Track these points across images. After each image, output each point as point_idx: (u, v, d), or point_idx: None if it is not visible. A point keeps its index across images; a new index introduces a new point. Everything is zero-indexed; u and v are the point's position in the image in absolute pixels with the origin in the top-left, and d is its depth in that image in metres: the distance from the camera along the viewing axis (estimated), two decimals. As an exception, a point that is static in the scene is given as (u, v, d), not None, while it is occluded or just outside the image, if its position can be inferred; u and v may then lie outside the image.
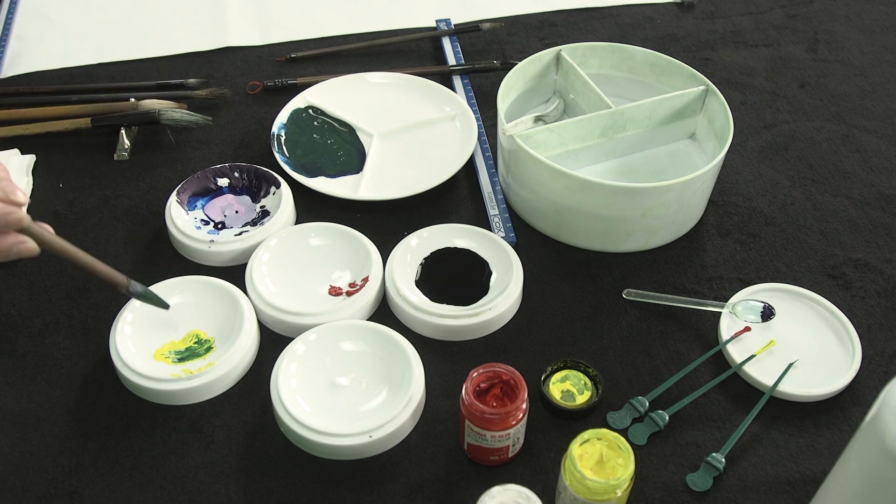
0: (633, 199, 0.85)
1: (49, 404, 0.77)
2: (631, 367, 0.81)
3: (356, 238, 0.88)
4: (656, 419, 0.75)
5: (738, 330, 0.82)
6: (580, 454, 0.66)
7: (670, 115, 0.97)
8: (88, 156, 1.01)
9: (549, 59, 1.01)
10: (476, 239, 0.89)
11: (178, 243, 0.90)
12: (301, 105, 1.05)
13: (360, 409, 0.76)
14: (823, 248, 0.92)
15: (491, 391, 0.72)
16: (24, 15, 1.23)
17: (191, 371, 0.77)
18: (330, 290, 0.85)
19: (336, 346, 0.79)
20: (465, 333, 0.83)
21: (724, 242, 0.92)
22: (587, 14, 1.25)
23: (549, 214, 0.90)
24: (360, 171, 0.98)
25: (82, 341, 0.82)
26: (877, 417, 0.54)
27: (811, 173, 1.01)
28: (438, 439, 0.75)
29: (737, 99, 1.11)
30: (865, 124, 1.08)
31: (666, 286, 0.88)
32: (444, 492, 0.72)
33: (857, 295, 0.88)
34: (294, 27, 1.21)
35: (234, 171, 0.95)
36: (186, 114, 1.01)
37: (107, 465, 0.73)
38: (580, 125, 0.93)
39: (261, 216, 0.92)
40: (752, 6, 1.28)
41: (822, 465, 0.73)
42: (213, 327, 0.81)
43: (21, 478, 0.72)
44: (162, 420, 0.76)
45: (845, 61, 1.18)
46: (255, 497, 0.71)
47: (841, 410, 0.78)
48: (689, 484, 0.72)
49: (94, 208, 0.95)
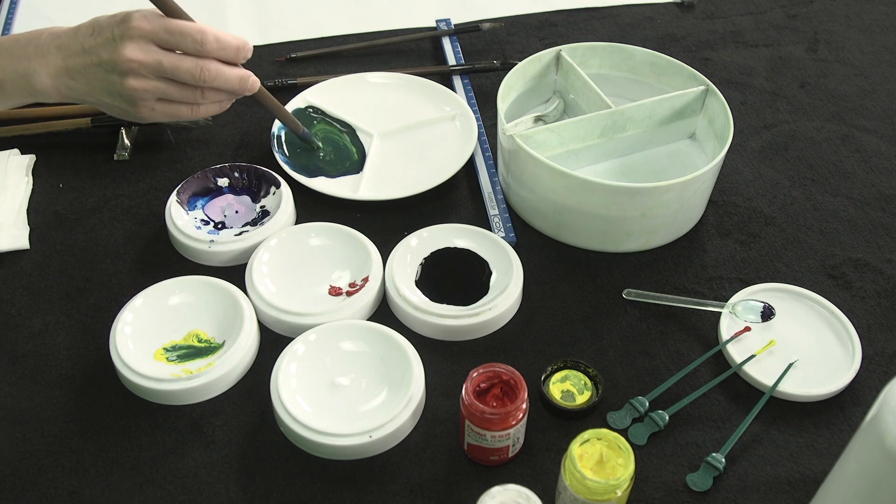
0: (633, 199, 0.85)
1: (49, 404, 0.77)
2: (631, 367, 0.81)
3: (356, 238, 0.88)
4: (656, 419, 0.75)
5: (738, 330, 0.82)
6: (580, 454, 0.66)
7: (670, 115, 0.97)
8: (88, 156, 1.01)
9: (549, 59, 1.01)
10: (476, 239, 0.89)
11: (178, 243, 0.90)
12: (301, 105, 1.05)
13: (360, 409, 0.76)
14: (823, 248, 0.92)
15: (491, 391, 0.72)
16: (24, 15, 1.23)
17: (191, 371, 0.77)
18: (330, 290, 0.85)
19: (336, 346, 0.79)
20: (465, 333, 0.83)
21: (724, 242, 0.92)
22: (587, 14, 1.25)
23: (549, 214, 0.90)
24: (360, 171, 0.98)
25: (82, 341, 0.82)
26: (877, 417, 0.54)
27: (811, 173, 1.01)
28: (438, 439, 0.75)
29: (737, 99, 1.11)
30: (865, 124, 1.08)
31: (666, 286, 0.88)
32: (444, 492, 0.72)
33: (857, 295, 0.88)
34: (294, 27, 1.21)
35: (234, 171, 0.95)
36: (186, 114, 1.01)
37: (107, 465, 0.73)
38: (580, 125, 0.93)
39: (261, 216, 0.92)
40: (752, 6, 1.28)
41: (822, 465, 0.73)
42: (213, 327, 0.81)
43: (21, 478, 0.72)
44: (162, 420, 0.76)
45: (845, 61, 1.18)
46: (255, 497, 0.71)
47: (841, 410, 0.78)
48: (689, 484, 0.72)
49: (94, 208, 0.95)
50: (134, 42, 0.73)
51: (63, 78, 0.75)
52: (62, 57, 0.74)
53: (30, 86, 0.75)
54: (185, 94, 0.77)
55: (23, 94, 0.77)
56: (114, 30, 0.73)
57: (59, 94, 0.76)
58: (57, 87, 0.75)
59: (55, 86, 0.75)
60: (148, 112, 0.77)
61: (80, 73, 0.74)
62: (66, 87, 0.75)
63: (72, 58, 0.74)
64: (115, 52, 0.73)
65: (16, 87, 0.76)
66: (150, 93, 0.75)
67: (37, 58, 0.75)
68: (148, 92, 0.75)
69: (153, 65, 0.73)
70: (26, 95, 0.77)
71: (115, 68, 0.73)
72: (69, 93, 0.76)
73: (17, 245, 0.90)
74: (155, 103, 0.76)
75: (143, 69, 0.73)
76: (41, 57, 0.75)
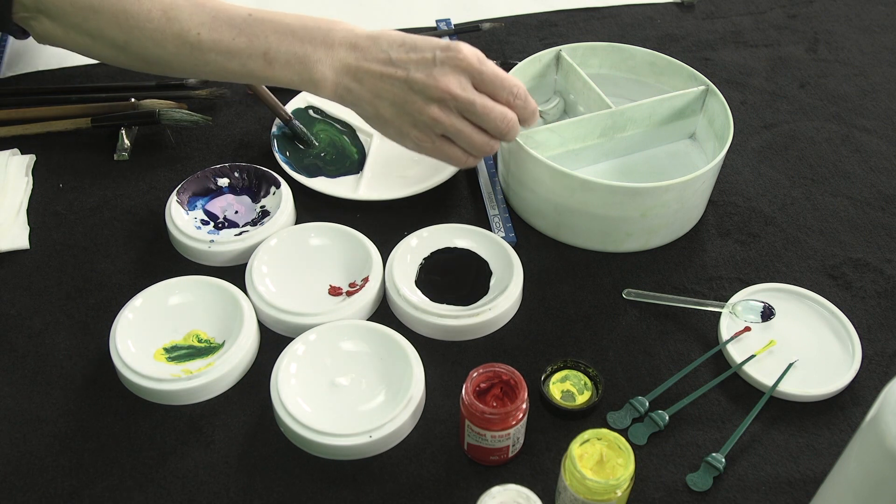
0: (633, 199, 0.85)
1: (49, 404, 0.77)
2: (631, 367, 0.81)
3: (356, 238, 0.88)
4: (656, 419, 0.75)
5: (738, 330, 0.82)
6: (580, 454, 0.66)
7: (670, 115, 0.97)
8: (88, 156, 1.01)
9: (549, 59, 1.01)
10: (476, 239, 0.89)
11: (178, 243, 0.90)
12: (301, 105, 1.05)
13: (360, 409, 0.76)
14: (823, 248, 0.92)
15: (491, 391, 0.72)
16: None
17: (191, 371, 0.77)
18: (330, 290, 0.85)
19: (336, 346, 0.79)
20: (465, 333, 0.83)
21: (724, 242, 0.92)
22: (587, 14, 1.25)
23: (549, 214, 0.90)
24: (360, 171, 0.98)
25: (82, 341, 0.82)
26: (877, 417, 0.54)
27: (811, 173, 1.01)
28: (438, 439, 0.75)
29: (737, 99, 1.11)
30: (865, 124, 1.08)
31: (666, 286, 0.88)
32: (444, 492, 0.72)
33: (857, 295, 0.88)
34: (294, 27, 1.21)
35: (234, 171, 0.95)
36: (186, 114, 1.01)
37: (107, 465, 0.73)
38: (580, 125, 0.93)
39: (261, 216, 0.92)
40: (752, 6, 1.28)
41: (822, 465, 0.73)
42: (213, 327, 0.81)
43: (21, 478, 0.72)
44: (162, 420, 0.76)
45: (845, 61, 1.18)
46: (255, 497, 0.71)
47: (841, 410, 0.78)
48: (689, 484, 0.72)
49: (94, 208, 0.95)
50: (455, 74, 0.70)
51: (346, 77, 0.72)
52: (355, 57, 0.71)
53: (307, 72, 0.72)
54: (476, 141, 0.73)
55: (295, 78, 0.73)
56: (436, 52, 0.70)
57: (333, 92, 0.73)
58: (336, 82, 0.72)
59: (335, 81, 0.72)
60: (427, 143, 0.73)
61: (372, 78, 0.71)
62: (346, 87, 0.72)
63: (368, 62, 0.71)
64: (431, 75, 0.70)
65: (289, 68, 0.72)
66: (446, 127, 0.72)
67: (324, 47, 0.71)
68: (444, 126, 0.72)
69: (466, 103, 0.70)
70: (299, 81, 0.73)
71: (425, 91, 0.70)
72: (345, 94, 0.73)
73: (17, 245, 0.90)
74: (439, 138, 0.73)
75: (454, 103, 0.70)
76: (329, 48, 0.71)
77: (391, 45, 0.71)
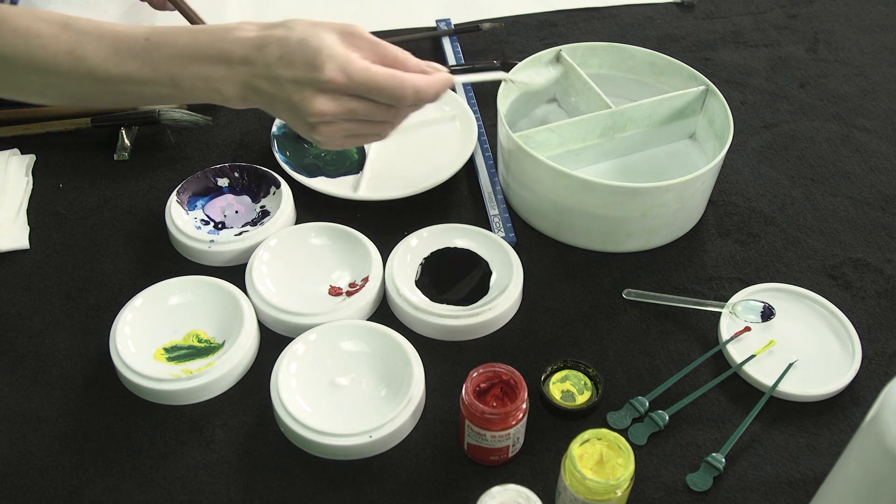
0: (633, 199, 0.85)
1: (49, 404, 0.77)
2: (631, 367, 0.81)
3: (356, 238, 0.88)
4: (656, 419, 0.75)
5: (738, 330, 0.82)
6: (580, 454, 0.66)
7: (670, 115, 0.97)
8: (88, 156, 1.01)
9: (549, 59, 1.01)
10: (476, 239, 0.89)
11: (178, 243, 0.90)
12: (301, 105, 1.04)
13: (360, 409, 0.76)
14: (823, 248, 0.92)
15: (491, 391, 0.72)
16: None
17: (191, 371, 0.77)
18: (330, 290, 0.85)
19: (336, 346, 0.79)
20: (465, 333, 0.83)
21: (724, 242, 0.92)
22: (587, 14, 1.25)
23: (549, 214, 0.90)
24: (360, 171, 0.98)
25: (82, 341, 0.82)
26: (877, 417, 0.54)
27: (811, 173, 1.01)
28: (438, 439, 0.75)
29: (737, 99, 1.11)
30: (865, 124, 1.08)
31: (666, 286, 0.88)
32: (444, 492, 0.72)
33: (857, 295, 0.88)
34: (294, 27, 1.21)
35: (234, 171, 0.95)
36: (186, 114, 1.01)
37: (107, 465, 0.73)
38: (580, 125, 0.93)
39: (261, 216, 0.92)
40: (752, 6, 1.28)
41: (822, 465, 0.73)
42: (213, 327, 0.81)
43: (21, 478, 0.72)
44: (162, 420, 0.76)
45: (845, 61, 1.18)
46: (255, 497, 0.71)
47: (841, 410, 0.78)
48: (689, 484, 0.72)
49: (94, 208, 0.95)
50: (325, 95, 0.69)
51: (248, 91, 0.71)
52: (248, 72, 0.70)
53: (215, 91, 0.71)
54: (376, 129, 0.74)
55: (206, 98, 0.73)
56: (306, 73, 0.68)
57: (244, 105, 0.73)
58: (242, 97, 0.72)
59: (241, 95, 0.71)
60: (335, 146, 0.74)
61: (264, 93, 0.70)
62: (250, 100, 0.72)
63: (257, 78, 0.70)
64: (304, 100, 0.69)
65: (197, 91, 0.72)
66: (339, 133, 0.72)
67: (223, 65, 0.70)
68: (338, 133, 0.72)
69: (345, 114, 0.70)
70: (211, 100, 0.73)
71: (304, 112, 0.70)
72: (252, 104, 0.73)
73: (17, 245, 0.90)
74: (344, 139, 0.73)
75: (335, 118, 0.70)
76: (227, 65, 0.70)
77: (273, 59, 0.69)
